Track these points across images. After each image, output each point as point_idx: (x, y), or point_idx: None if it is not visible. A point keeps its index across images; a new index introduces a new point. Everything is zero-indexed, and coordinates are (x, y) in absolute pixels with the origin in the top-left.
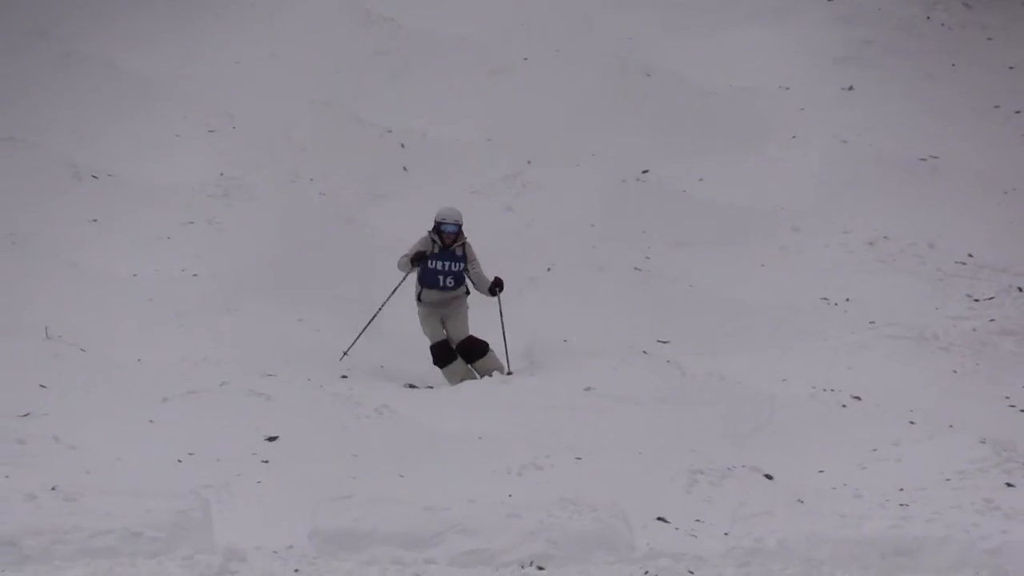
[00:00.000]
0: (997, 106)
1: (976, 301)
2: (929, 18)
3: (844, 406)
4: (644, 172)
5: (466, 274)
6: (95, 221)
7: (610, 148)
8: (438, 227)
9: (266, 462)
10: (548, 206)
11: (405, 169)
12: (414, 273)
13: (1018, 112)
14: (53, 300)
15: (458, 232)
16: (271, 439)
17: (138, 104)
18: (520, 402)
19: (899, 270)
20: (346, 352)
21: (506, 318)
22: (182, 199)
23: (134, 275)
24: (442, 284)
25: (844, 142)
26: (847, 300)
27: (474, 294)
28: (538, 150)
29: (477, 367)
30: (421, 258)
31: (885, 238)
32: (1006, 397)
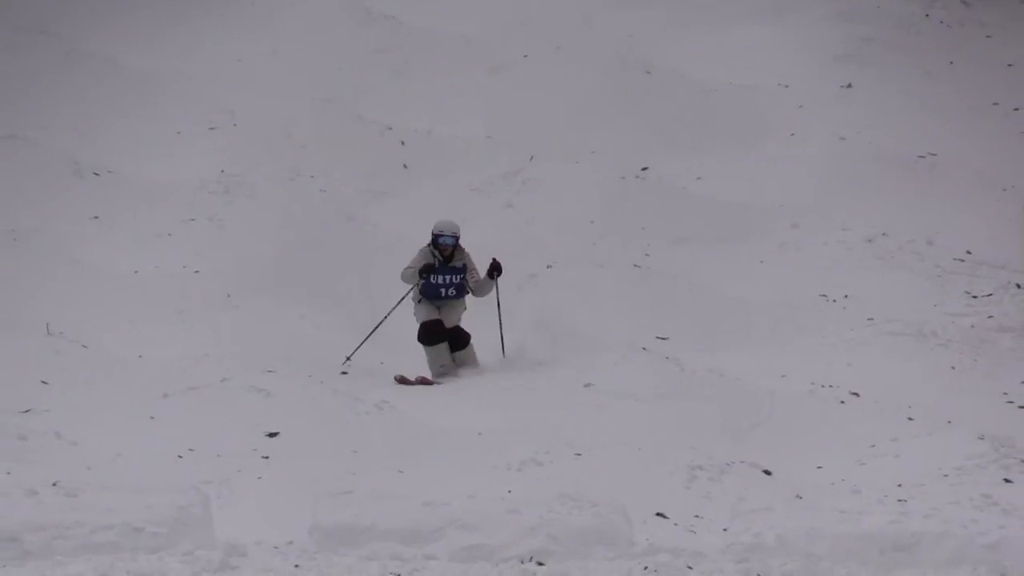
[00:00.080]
0: (996, 103)
1: (974, 298)
2: (928, 16)
3: (843, 402)
4: (644, 169)
5: (467, 283)
6: (96, 218)
7: (610, 145)
8: (435, 240)
9: (266, 458)
10: (548, 203)
11: (405, 166)
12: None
13: (1016, 109)
14: (54, 297)
15: (455, 244)
16: (271, 435)
17: (139, 101)
18: (520, 398)
19: (898, 267)
20: (348, 358)
21: (506, 314)
22: (183, 196)
23: (135, 272)
24: (444, 295)
25: (843, 139)
26: (846, 297)
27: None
28: (538, 147)
29: (456, 357)
30: (430, 270)
31: (884, 235)
32: (1004, 393)
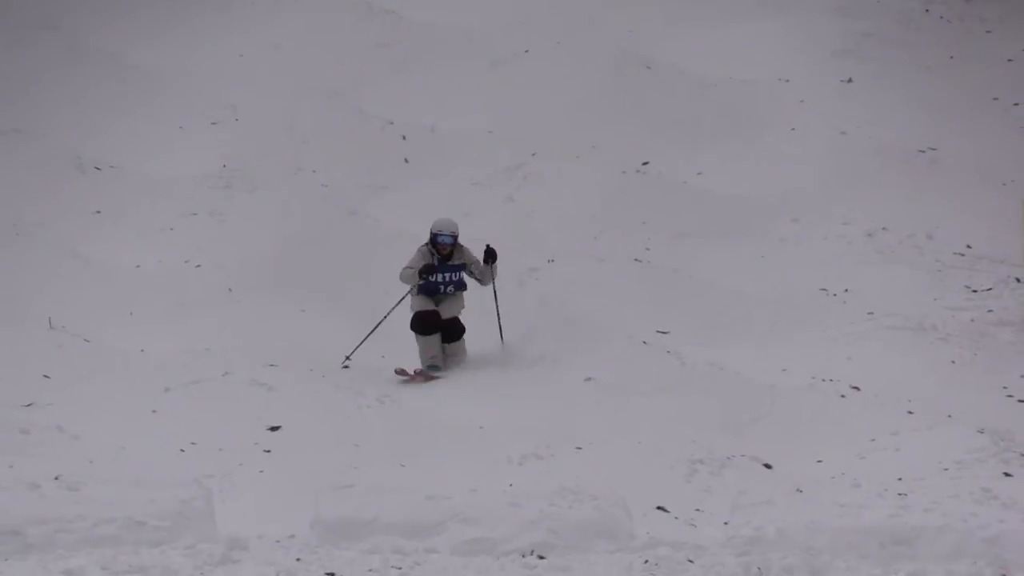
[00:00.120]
0: (996, 98)
1: (974, 292)
2: (928, 11)
3: (843, 396)
4: (644, 164)
5: (470, 275)
6: (98, 213)
7: (610, 140)
8: (434, 239)
9: (268, 452)
10: (549, 198)
11: (407, 161)
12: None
13: (1016, 104)
14: (56, 291)
15: (454, 244)
16: (273, 429)
17: (141, 96)
18: (521, 392)
19: (898, 261)
20: (348, 357)
21: (507, 309)
22: (185, 191)
23: (137, 266)
24: (443, 291)
25: (843, 134)
26: (846, 291)
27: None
28: (539, 142)
29: (446, 348)
30: (430, 270)
31: (884, 229)
32: (1004, 387)
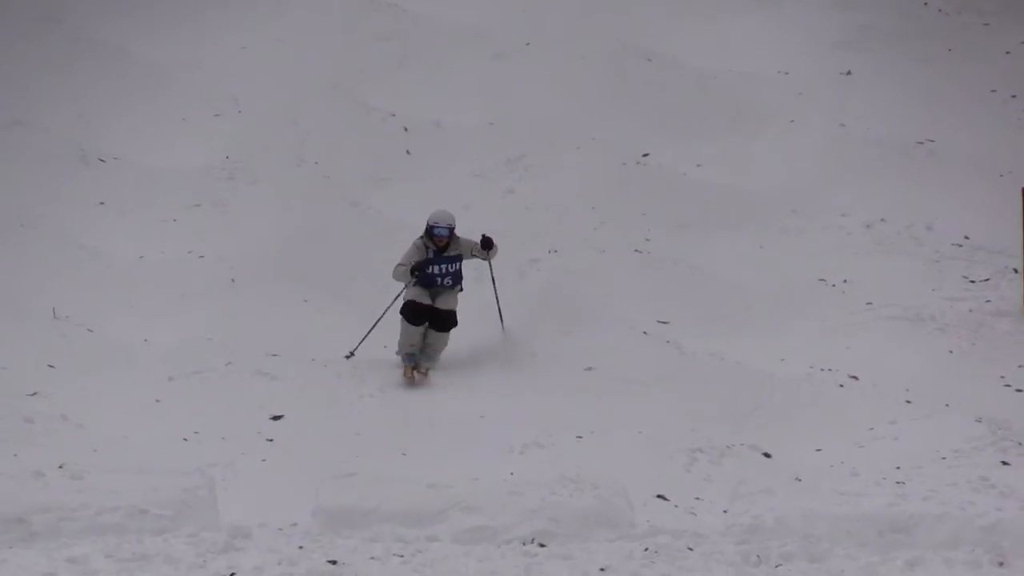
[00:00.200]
0: (993, 91)
1: (972, 282)
2: (926, 4)
3: (842, 386)
4: (644, 155)
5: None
6: (102, 204)
7: (611, 132)
8: (430, 231)
9: (271, 441)
10: (550, 189)
11: (408, 153)
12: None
13: (1014, 97)
14: (60, 282)
15: (450, 236)
16: (276, 418)
17: (145, 89)
18: (522, 382)
19: (896, 252)
20: (352, 352)
21: (508, 301)
22: (188, 182)
23: (140, 257)
24: (439, 283)
25: (842, 126)
26: (845, 281)
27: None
28: (540, 134)
29: (429, 334)
30: (421, 267)
31: (882, 221)
32: (1001, 377)
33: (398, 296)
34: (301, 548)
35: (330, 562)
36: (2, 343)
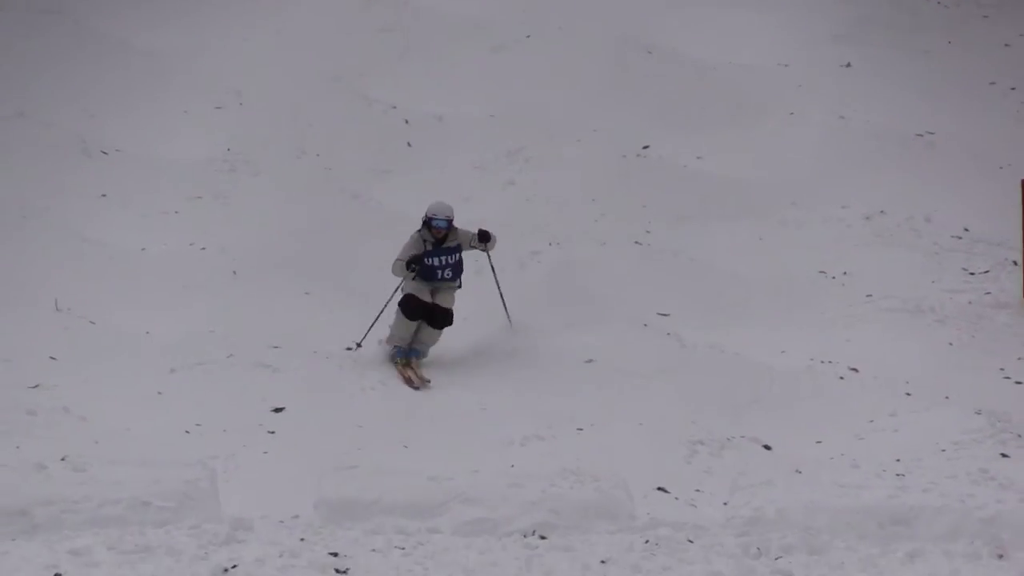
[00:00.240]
0: (993, 83)
1: (971, 275)
2: None
3: (842, 378)
4: (645, 148)
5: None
6: (104, 196)
7: (611, 124)
8: (428, 222)
9: (272, 433)
10: (550, 181)
11: (409, 145)
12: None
13: (1013, 89)
14: (63, 274)
15: (448, 227)
16: (277, 410)
17: (147, 81)
18: (522, 374)
19: (896, 244)
20: (359, 344)
21: (509, 291)
22: (190, 174)
23: (142, 249)
24: (440, 276)
25: (842, 118)
26: (845, 274)
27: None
28: (540, 126)
29: (422, 333)
30: (417, 261)
31: (882, 213)
32: (1001, 369)
33: (398, 288)
34: (303, 540)
35: (331, 554)
36: (4, 335)
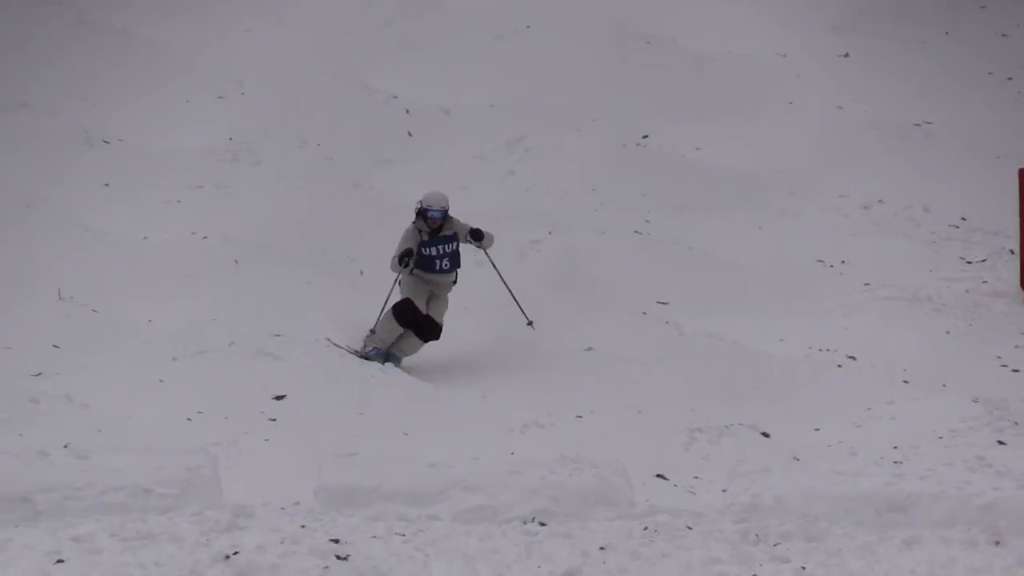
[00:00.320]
0: (990, 73)
1: (969, 263)
2: None
3: (839, 366)
4: (644, 137)
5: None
6: (107, 185)
7: (611, 114)
8: (423, 213)
9: (274, 420)
10: (550, 171)
11: (410, 134)
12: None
13: (1010, 79)
14: (66, 263)
15: (443, 217)
16: (279, 398)
17: (149, 71)
18: (522, 362)
19: (894, 233)
20: (373, 330)
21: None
22: (192, 164)
23: (144, 238)
24: (438, 267)
25: (840, 108)
26: (843, 262)
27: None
28: (540, 116)
29: (404, 342)
30: (410, 255)
31: (880, 202)
32: (998, 357)
33: (396, 280)
34: (303, 527)
35: (332, 540)
36: (7, 324)
